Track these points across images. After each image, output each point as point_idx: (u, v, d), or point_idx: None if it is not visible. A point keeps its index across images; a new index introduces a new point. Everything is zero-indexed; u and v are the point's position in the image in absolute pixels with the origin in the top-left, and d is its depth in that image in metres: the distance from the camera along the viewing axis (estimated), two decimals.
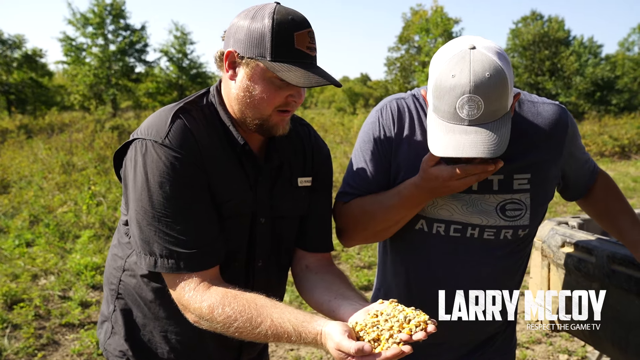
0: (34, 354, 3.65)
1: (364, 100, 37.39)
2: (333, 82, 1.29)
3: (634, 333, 1.88)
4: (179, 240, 1.29)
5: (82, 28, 26.88)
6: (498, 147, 1.30)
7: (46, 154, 10.78)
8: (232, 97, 1.37)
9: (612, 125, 19.58)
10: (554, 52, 30.21)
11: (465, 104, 1.29)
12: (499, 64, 1.28)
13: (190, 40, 29.68)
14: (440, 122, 1.35)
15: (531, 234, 1.65)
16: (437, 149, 1.34)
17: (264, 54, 1.26)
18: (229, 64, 1.32)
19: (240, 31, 1.29)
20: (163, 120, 1.33)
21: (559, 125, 1.57)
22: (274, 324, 1.20)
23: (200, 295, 1.28)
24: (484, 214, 1.55)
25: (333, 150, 11.49)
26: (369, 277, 5.17)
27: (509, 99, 1.34)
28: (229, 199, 1.38)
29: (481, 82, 1.27)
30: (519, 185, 1.54)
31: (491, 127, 1.31)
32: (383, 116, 1.61)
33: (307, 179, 1.55)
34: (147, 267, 1.32)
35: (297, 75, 1.24)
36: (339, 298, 1.35)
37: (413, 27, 31.38)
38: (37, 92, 25.34)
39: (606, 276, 1.94)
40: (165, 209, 1.28)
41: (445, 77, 1.30)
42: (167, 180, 1.27)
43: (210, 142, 1.36)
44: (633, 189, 10.68)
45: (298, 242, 1.58)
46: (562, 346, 3.94)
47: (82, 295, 4.56)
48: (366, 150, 1.63)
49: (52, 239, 6.04)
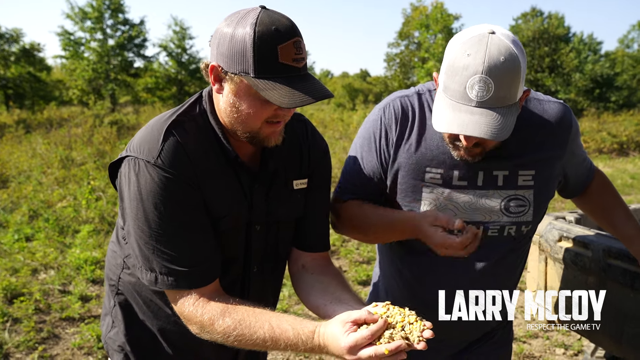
0: (34, 347, 3.67)
1: (364, 96, 37.27)
2: (320, 97, 1.22)
3: (628, 325, 1.90)
4: (176, 259, 1.29)
5: (80, 22, 26.76)
6: (500, 132, 1.30)
7: (45, 148, 10.75)
8: (221, 110, 1.34)
9: (611, 122, 19.58)
10: (554, 48, 30.17)
11: (476, 84, 1.29)
12: (515, 51, 1.31)
13: (189, 35, 29.61)
14: (448, 100, 1.36)
15: (532, 231, 1.66)
16: (440, 125, 1.35)
17: (247, 70, 1.20)
18: (214, 77, 1.28)
19: (223, 43, 1.22)
20: (155, 137, 1.30)
21: (563, 124, 1.58)
22: (272, 327, 1.22)
23: (200, 309, 1.29)
24: (488, 210, 1.55)
25: (332, 146, 11.49)
26: (367, 272, 5.19)
27: (519, 88, 1.34)
28: (225, 215, 1.37)
29: (495, 64, 1.28)
30: (523, 181, 1.55)
31: (498, 112, 1.31)
32: (385, 115, 1.60)
33: (303, 181, 1.52)
34: (148, 283, 1.33)
35: (281, 94, 1.18)
36: (334, 302, 1.35)
37: (413, 23, 31.33)
38: (35, 87, 25.23)
39: (602, 270, 1.97)
40: (161, 229, 1.28)
41: (461, 55, 1.32)
42: (161, 201, 1.27)
43: (204, 156, 1.34)
44: (631, 185, 10.70)
45: (295, 242, 1.57)
46: (558, 340, 3.97)
47: (82, 289, 4.58)
48: (366, 148, 1.63)
49: (52, 233, 6.05)
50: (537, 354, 3.83)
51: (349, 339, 1.12)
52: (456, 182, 1.55)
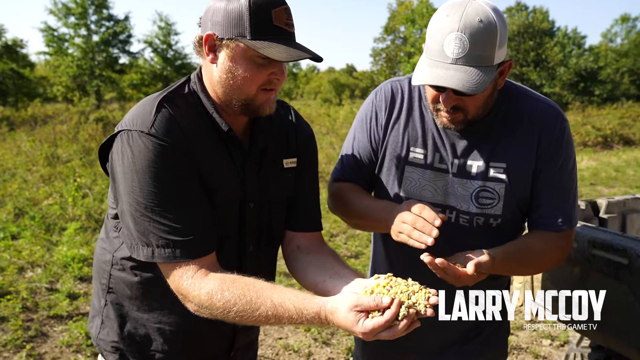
0: (22, 345, 3.65)
1: (350, 91, 37.37)
2: (314, 55, 1.31)
3: (611, 314, 1.94)
4: (174, 229, 1.28)
5: (64, 18, 26.47)
6: (472, 85, 1.36)
7: (30, 146, 10.63)
8: (214, 81, 1.37)
9: (595, 116, 19.85)
10: (539, 42, 30.43)
11: (452, 42, 1.37)
12: (492, 15, 1.37)
13: (174, 31, 29.44)
14: (427, 59, 1.43)
15: (507, 227, 1.61)
16: (416, 79, 1.43)
17: (243, 33, 1.27)
18: (209, 47, 1.32)
19: (218, 13, 1.29)
20: (147, 110, 1.32)
21: (548, 126, 1.55)
22: (274, 305, 1.21)
23: (198, 282, 1.28)
24: (460, 198, 1.58)
25: (319, 142, 11.50)
26: (355, 266, 5.22)
27: (495, 51, 1.39)
28: (218, 187, 1.38)
29: (470, 23, 1.35)
30: (494, 173, 1.56)
31: (473, 70, 1.37)
32: (377, 97, 1.70)
33: (292, 160, 1.55)
34: (145, 257, 1.31)
35: (278, 51, 1.25)
36: (334, 277, 1.36)
37: (399, 18, 31.40)
38: (18, 84, 24.89)
39: (587, 260, 2.00)
40: (157, 199, 1.27)
41: (440, 17, 1.41)
42: (156, 169, 1.27)
43: (196, 130, 1.36)
44: (615, 178, 10.86)
45: (287, 224, 1.59)
46: (545, 331, 4.03)
47: (70, 287, 4.54)
48: (359, 129, 1.72)
49: (38, 231, 5.99)
50: (524, 345, 3.88)
51: (365, 326, 1.13)
52: (437, 164, 1.60)
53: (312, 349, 3.78)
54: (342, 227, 6.59)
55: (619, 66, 33.96)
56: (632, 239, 1.98)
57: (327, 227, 6.53)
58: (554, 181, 1.56)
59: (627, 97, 32.23)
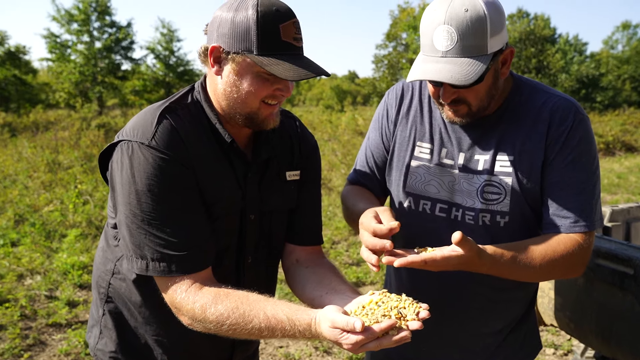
0: (20, 354, 3.62)
1: (352, 98, 37.37)
2: (321, 73, 1.28)
3: (617, 325, 1.91)
4: (169, 243, 1.27)
5: (66, 25, 26.59)
6: (463, 77, 1.33)
7: (31, 152, 10.65)
8: (219, 93, 1.35)
9: (597, 122, 19.80)
10: (540, 49, 30.47)
11: (440, 35, 1.36)
12: (480, 4, 1.35)
13: (177, 37, 29.52)
14: (421, 55, 1.43)
15: (518, 228, 1.53)
16: (409, 76, 1.43)
17: (250, 48, 1.24)
18: (214, 59, 1.30)
19: (224, 25, 1.26)
20: (149, 120, 1.31)
21: (558, 118, 1.47)
22: (267, 317, 1.20)
23: (192, 296, 1.26)
24: (466, 194, 1.54)
25: (321, 148, 11.50)
26: (357, 274, 5.19)
27: (488, 40, 1.35)
28: (218, 200, 1.37)
29: (457, 14, 1.34)
30: (500, 167, 1.51)
31: (462, 61, 1.35)
32: (389, 96, 1.73)
33: (295, 172, 1.54)
34: (139, 270, 1.30)
35: (285, 69, 1.23)
36: (330, 293, 1.34)
37: (400, 25, 31.49)
38: (20, 90, 24.94)
39: (591, 270, 1.97)
40: (154, 212, 1.26)
41: (428, 11, 1.40)
42: (155, 182, 1.25)
43: (198, 141, 1.34)
44: (617, 184, 10.82)
45: (288, 236, 1.57)
46: (548, 340, 3.99)
47: (69, 294, 4.52)
48: (372, 128, 1.75)
49: (38, 238, 5.97)
50: None
51: (349, 341, 1.10)
52: (443, 159, 1.58)
53: (313, 357, 3.75)
54: (343, 235, 6.56)
55: (620, 73, 33.98)
56: (638, 248, 1.95)
57: (329, 235, 6.51)
58: (565, 178, 1.44)
59: (629, 103, 32.25)
